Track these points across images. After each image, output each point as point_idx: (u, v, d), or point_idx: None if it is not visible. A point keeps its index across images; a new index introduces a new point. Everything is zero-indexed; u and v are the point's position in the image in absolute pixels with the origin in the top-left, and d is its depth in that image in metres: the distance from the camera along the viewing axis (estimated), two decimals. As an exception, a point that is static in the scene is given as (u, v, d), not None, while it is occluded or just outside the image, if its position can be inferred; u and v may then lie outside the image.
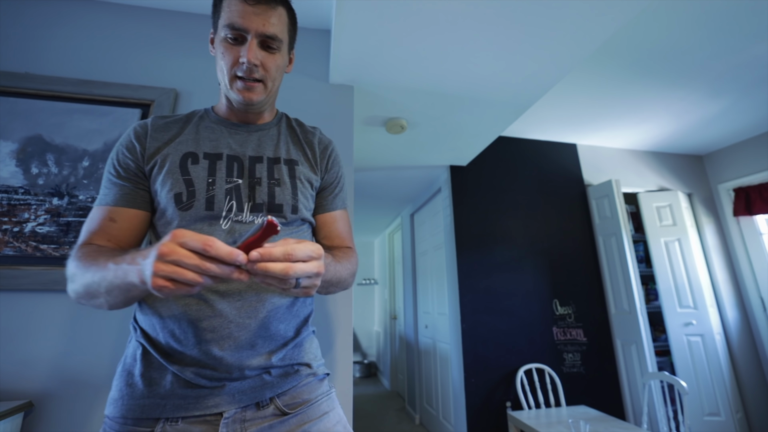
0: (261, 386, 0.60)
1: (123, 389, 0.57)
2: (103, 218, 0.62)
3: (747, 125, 2.84)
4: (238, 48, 0.64)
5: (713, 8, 1.67)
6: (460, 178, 2.81)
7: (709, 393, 2.54)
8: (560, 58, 1.54)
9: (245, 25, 0.62)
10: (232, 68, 0.65)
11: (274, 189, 0.67)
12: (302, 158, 0.74)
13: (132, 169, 0.65)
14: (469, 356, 2.43)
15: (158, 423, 0.54)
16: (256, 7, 0.62)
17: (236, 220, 0.63)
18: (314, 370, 0.67)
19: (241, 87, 0.65)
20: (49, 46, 1.37)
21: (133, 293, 0.51)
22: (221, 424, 0.55)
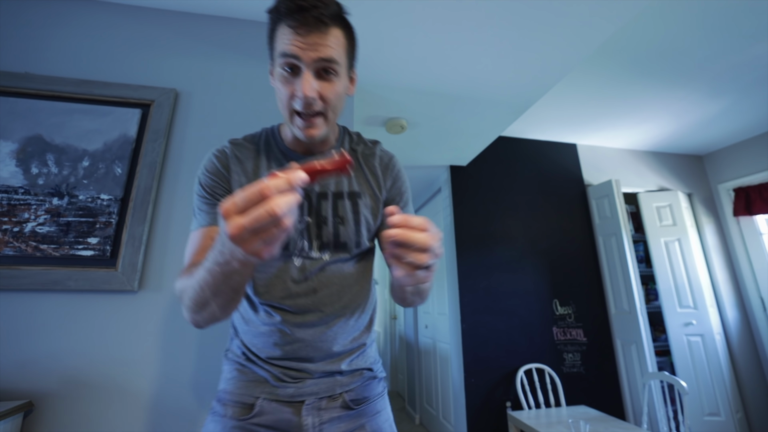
0: (333, 384, 0.70)
1: (234, 373, 0.71)
2: (203, 238, 0.65)
3: (747, 125, 2.84)
4: (293, 81, 0.61)
5: (713, 8, 1.67)
6: (460, 178, 2.81)
7: (709, 393, 2.54)
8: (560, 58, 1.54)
9: (298, 53, 0.58)
10: (290, 102, 0.63)
11: (338, 228, 0.70)
12: (365, 187, 0.74)
13: (220, 192, 0.68)
14: (469, 356, 2.43)
15: (258, 399, 0.67)
16: (307, 34, 0.57)
17: (306, 256, 0.68)
18: (375, 373, 0.77)
19: (301, 125, 0.63)
20: (49, 46, 1.37)
21: (234, 279, 0.49)
22: (303, 408, 0.67)
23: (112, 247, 1.19)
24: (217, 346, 1.19)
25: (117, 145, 1.28)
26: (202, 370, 1.17)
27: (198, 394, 1.14)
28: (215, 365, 1.18)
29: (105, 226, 1.20)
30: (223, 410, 0.67)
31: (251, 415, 0.66)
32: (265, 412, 0.66)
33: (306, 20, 0.56)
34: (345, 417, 0.69)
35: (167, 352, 1.16)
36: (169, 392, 1.12)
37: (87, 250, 1.17)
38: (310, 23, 0.57)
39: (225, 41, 1.54)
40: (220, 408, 0.68)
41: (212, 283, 0.49)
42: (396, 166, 0.79)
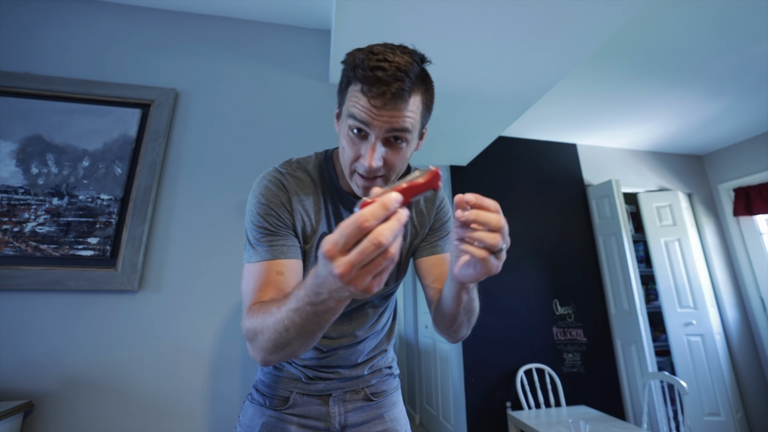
0: (357, 381, 0.81)
1: (271, 367, 0.79)
2: (269, 272, 0.60)
3: (747, 125, 2.84)
4: (360, 144, 0.57)
5: (713, 8, 1.66)
6: (460, 178, 2.81)
7: (709, 393, 2.54)
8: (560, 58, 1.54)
9: (369, 122, 0.54)
10: (353, 164, 0.59)
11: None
12: (409, 227, 0.75)
13: (285, 224, 0.65)
14: (469, 356, 2.43)
15: (292, 393, 0.76)
16: (383, 107, 0.53)
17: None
18: (392, 371, 0.87)
19: (361, 184, 0.60)
20: (49, 46, 1.37)
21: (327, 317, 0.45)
22: (330, 399, 0.77)
23: (112, 247, 1.19)
24: (218, 346, 1.20)
25: (117, 145, 1.28)
26: (202, 370, 1.17)
27: (197, 394, 1.14)
28: (215, 365, 1.18)
29: (105, 226, 1.20)
30: (262, 399, 0.77)
31: (287, 406, 0.75)
32: (298, 404, 0.76)
33: (384, 94, 0.51)
34: (366, 407, 0.80)
35: (167, 352, 1.16)
36: (168, 392, 1.12)
37: (87, 250, 1.17)
38: (388, 98, 0.52)
39: (225, 41, 1.54)
40: (258, 397, 0.78)
41: (300, 323, 0.46)
42: (441, 197, 0.78)
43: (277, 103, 1.50)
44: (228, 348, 1.20)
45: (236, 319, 1.23)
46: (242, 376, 1.19)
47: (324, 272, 0.38)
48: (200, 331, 1.20)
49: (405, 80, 0.52)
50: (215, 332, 1.21)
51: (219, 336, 1.20)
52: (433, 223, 0.77)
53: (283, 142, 1.44)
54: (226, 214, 1.32)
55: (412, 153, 0.64)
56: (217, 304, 1.23)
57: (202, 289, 1.23)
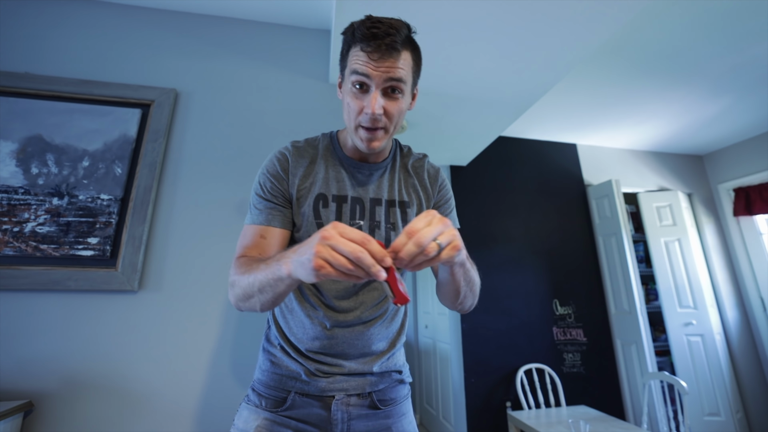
0: (363, 383, 0.74)
1: (268, 364, 0.75)
2: (255, 235, 0.72)
3: (747, 125, 2.84)
4: (362, 97, 0.66)
5: (713, 8, 1.66)
6: (460, 178, 2.81)
7: (709, 393, 2.54)
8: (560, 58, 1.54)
9: (369, 72, 0.63)
10: (357, 117, 0.68)
11: (390, 233, 0.75)
12: (414, 197, 0.80)
13: (278, 194, 0.74)
14: (469, 356, 2.43)
15: (290, 393, 0.72)
16: (380, 59, 0.63)
17: None
18: (402, 377, 0.81)
19: (365, 137, 0.68)
20: (49, 46, 1.37)
21: (280, 288, 0.56)
22: (333, 403, 0.71)
23: (112, 247, 1.19)
24: (217, 346, 1.20)
25: (117, 145, 1.28)
26: (202, 370, 1.17)
27: (198, 394, 1.14)
28: (215, 365, 1.18)
29: (105, 226, 1.20)
30: (258, 400, 0.73)
31: (284, 407, 0.71)
32: (297, 405, 0.71)
33: (379, 47, 0.62)
34: (372, 416, 0.74)
35: (167, 352, 1.16)
36: (168, 392, 1.12)
37: (87, 250, 1.17)
38: (383, 50, 0.62)
39: (225, 41, 1.54)
40: (254, 397, 0.74)
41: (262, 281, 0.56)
42: (442, 177, 0.85)
43: (277, 102, 1.50)
44: (228, 348, 1.20)
45: (236, 319, 1.23)
46: (242, 377, 1.19)
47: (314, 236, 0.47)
48: (200, 331, 1.20)
49: (396, 35, 0.63)
50: (215, 332, 1.21)
51: (219, 336, 1.20)
52: (437, 200, 0.83)
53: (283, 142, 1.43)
54: (226, 214, 1.32)
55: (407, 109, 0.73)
56: (217, 304, 1.23)
57: (202, 289, 1.23)
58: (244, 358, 1.20)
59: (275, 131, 1.46)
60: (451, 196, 0.86)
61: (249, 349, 1.21)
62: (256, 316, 1.24)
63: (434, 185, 0.83)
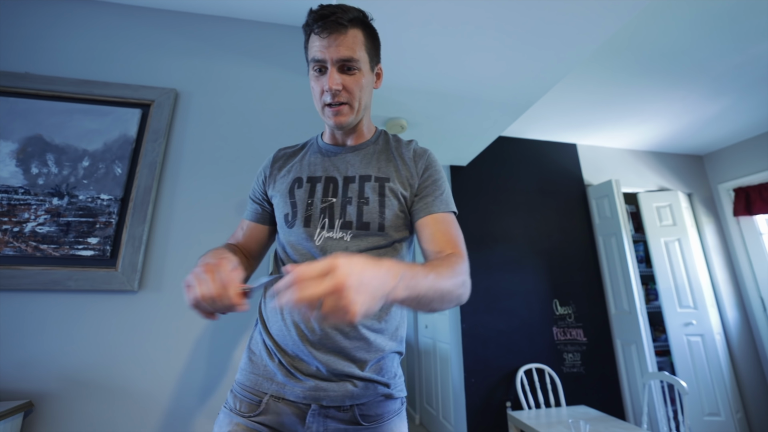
0: (344, 394, 0.67)
1: (247, 362, 0.74)
2: (239, 227, 0.86)
3: (747, 125, 2.84)
4: (322, 78, 0.71)
5: (713, 8, 1.66)
6: (460, 178, 2.81)
7: (709, 393, 2.54)
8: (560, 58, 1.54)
9: (322, 56, 0.68)
10: (321, 97, 0.72)
11: (362, 207, 0.73)
12: (393, 173, 0.76)
13: (258, 194, 0.85)
14: (469, 356, 2.43)
15: (265, 396, 0.68)
16: (329, 37, 0.67)
17: (328, 236, 0.72)
18: (390, 391, 0.72)
19: (330, 113, 0.72)
20: (49, 46, 1.37)
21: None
22: (308, 413, 0.66)
23: (112, 247, 1.19)
24: (217, 346, 1.20)
25: (117, 145, 1.28)
26: (202, 370, 1.17)
27: (198, 394, 1.14)
28: (215, 365, 1.18)
29: (105, 226, 1.20)
30: (233, 403, 0.71)
31: (257, 412, 0.67)
32: (270, 411, 0.67)
33: (327, 25, 0.66)
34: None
35: (167, 352, 1.16)
36: (169, 392, 1.12)
37: (87, 250, 1.17)
38: (331, 27, 0.66)
39: (225, 41, 1.54)
40: (231, 400, 0.72)
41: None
42: (430, 157, 0.80)
43: (277, 103, 1.50)
44: (228, 348, 1.20)
45: (236, 319, 1.23)
46: (242, 376, 1.19)
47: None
48: (200, 331, 1.20)
49: (342, 14, 0.67)
50: (215, 332, 1.21)
51: (219, 336, 1.20)
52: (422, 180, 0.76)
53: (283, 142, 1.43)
54: (226, 214, 1.32)
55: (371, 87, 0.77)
56: (217, 304, 1.23)
57: (202, 289, 1.23)
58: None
59: (275, 131, 1.46)
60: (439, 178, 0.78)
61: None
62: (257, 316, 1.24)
63: (418, 163, 0.78)
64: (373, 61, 0.75)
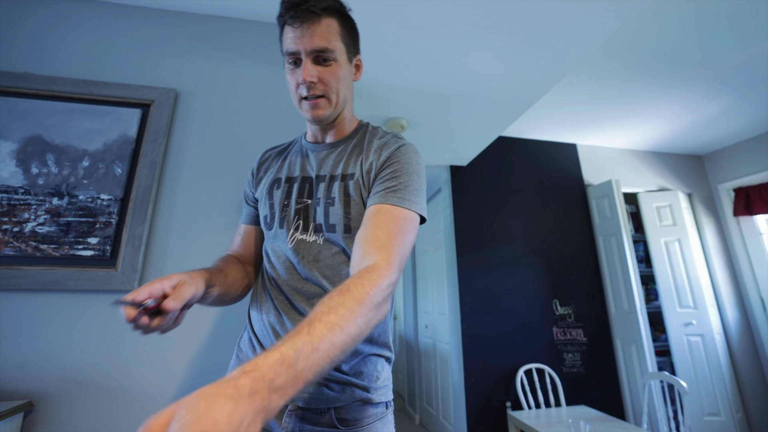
0: (320, 397, 0.64)
1: (234, 360, 0.75)
2: (237, 234, 0.85)
3: (747, 125, 2.84)
4: (297, 71, 0.67)
5: (713, 8, 1.67)
6: (460, 178, 2.81)
7: (709, 393, 2.54)
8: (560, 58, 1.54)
9: (295, 47, 0.65)
10: (297, 91, 0.69)
11: (329, 209, 0.70)
12: (359, 167, 0.70)
13: (249, 196, 0.84)
14: (469, 356, 2.43)
15: None
16: (301, 27, 0.63)
17: (301, 238, 0.70)
18: (370, 395, 0.67)
19: (307, 106, 0.69)
20: (49, 46, 1.37)
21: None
22: (285, 412, 0.64)
23: (112, 247, 1.19)
24: (217, 346, 1.20)
25: (117, 145, 1.28)
26: (202, 371, 1.17)
27: (198, 394, 1.14)
28: (215, 365, 1.18)
29: (105, 226, 1.20)
30: None
31: None
32: None
33: (299, 14, 0.63)
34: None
35: (167, 353, 1.16)
36: (168, 392, 1.12)
37: (87, 250, 1.17)
38: (303, 16, 0.63)
39: (225, 41, 1.54)
40: None
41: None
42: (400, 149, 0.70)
43: (277, 102, 1.50)
44: (228, 348, 1.20)
45: (237, 320, 1.23)
46: (242, 376, 1.19)
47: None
48: (200, 332, 1.20)
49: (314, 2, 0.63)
50: (215, 332, 1.21)
51: (219, 336, 1.20)
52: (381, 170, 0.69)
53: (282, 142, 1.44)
54: (227, 214, 1.32)
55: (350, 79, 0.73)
56: (217, 304, 1.23)
57: (202, 289, 1.23)
58: (244, 358, 1.20)
59: (275, 131, 1.46)
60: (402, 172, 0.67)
61: (249, 349, 1.21)
62: (256, 316, 1.24)
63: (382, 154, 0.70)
64: (351, 51, 0.71)
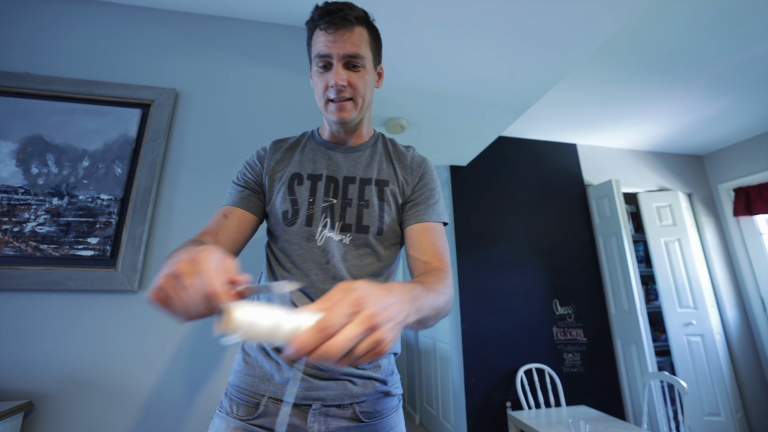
0: (343, 393, 0.67)
1: (242, 364, 0.72)
2: (218, 215, 0.73)
3: (747, 125, 2.84)
4: (327, 74, 0.70)
5: (713, 8, 1.66)
6: (460, 178, 2.81)
7: (709, 393, 2.54)
8: (560, 58, 1.54)
9: (329, 51, 0.68)
10: (325, 93, 0.71)
11: (362, 210, 0.73)
12: (393, 177, 0.77)
13: (251, 180, 0.77)
14: (469, 356, 2.43)
15: (263, 398, 0.66)
16: (335, 33, 0.67)
17: (329, 236, 0.72)
18: (388, 388, 0.73)
19: (333, 108, 0.71)
20: (49, 46, 1.37)
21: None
22: (309, 412, 0.65)
23: (112, 247, 1.19)
24: (217, 346, 1.19)
25: (117, 145, 1.28)
26: (202, 371, 1.17)
27: (198, 395, 1.14)
28: (215, 366, 1.18)
29: (105, 226, 1.20)
30: (229, 407, 0.68)
31: (255, 415, 0.65)
32: (270, 413, 0.65)
33: (334, 20, 0.67)
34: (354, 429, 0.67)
35: (167, 352, 1.16)
36: (168, 392, 1.12)
37: (87, 250, 1.17)
38: (338, 23, 0.67)
39: (225, 41, 1.54)
40: (226, 404, 0.69)
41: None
42: (428, 165, 0.81)
43: (277, 103, 1.50)
44: (228, 348, 1.20)
45: (236, 319, 1.23)
46: (242, 376, 1.19)
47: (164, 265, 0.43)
48: (200, 332, 1.20)
49: (349, 11, 0.67)
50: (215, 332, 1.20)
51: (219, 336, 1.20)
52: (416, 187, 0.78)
53: (283, 142, 1.44)
54: (226, 214, 1.32)
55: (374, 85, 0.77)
56: (217, 304, 1.23)
57: (202, 289, 1.23)
58: (244, 358, 1.21)
59: (275, 131, 1.45)
60: (434, 187, 0.79)
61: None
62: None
63: (416, 171, 0.79)
64: (376, 60, 0.76)
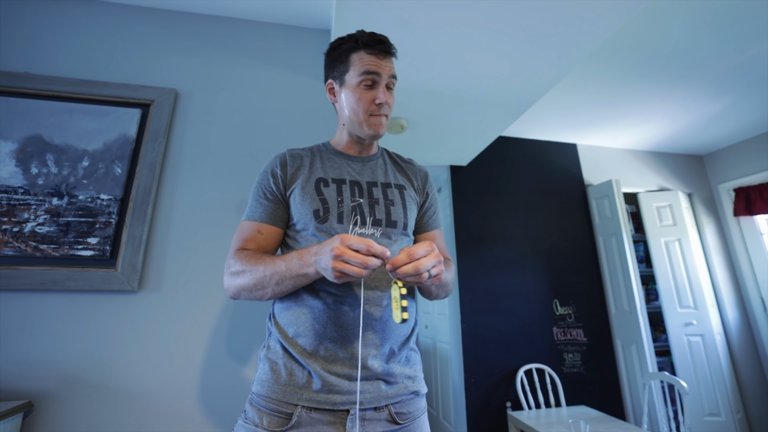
0: (378, 395, 0.69)
1: (269, 373, 0.70)
2: (253, 230, 0.79)
3: (747, 125, 2.84)
4: (371, 91, 0.79)
5: (713, 8, 1.66)
6: (460, 178, 2.81)
7: (709, 393, 2.54)
8: (560, 58, 1.54)
9: (379, 69, 0.78)
10: (369, 108, 0.80)
11: (390, 208, 0.81)
12: (408, 184, 0.89)
13: (275, 192, 0.81)
14: (469, 356, 2.43)
15: (297, 408, 0.65)
16: (384, 58, 0.80)
17: (360, 232, 0.77)
18: (417, 387, 0.76)
19: (375, 122, 0.81)
20: (49, 46, 1.37)
21: (301, 281, 0.66)
22: (348, 419, 0.65)
23: (111, 247, 1.19)
24: (217, 346, 1.20)
25: (117, 145, 1.28)
26: (202, 371, 1.17)
27: (197, 395, 1.14)
28: (215, 366, 1.18)
29: (105, 226, 1.20)
30: (257, 418, 0.65)
31: (288, 426, 0.63)
32: (304, 423, 0.64)
33: (384, 47, 0.79)
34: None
35: (167, 353, 1.16)
36: (168, 392, 1.12)
37: (87, 250, 1.17)
38: (386, 50, 0.80)
39: (225, 41, 1.54)
40: (253, 415, 0.66)
41: (282, 275, 0.66)
42: (430, 178, 0.95)
43: (277, 103, 1.50)
44: (228, 348, 1.20)
45: (237, 320, 1.23)
46: (243, 377, 1.19)
47: (327, 246, 0.59)
48: (200, 331, 1.19)
49: (390, 43, 0.81)
50: (215, 332, 1.21)
51: (219, 336, 1.20)
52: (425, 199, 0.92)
53: (283, 142, 1.44)
54: (227, 214, 1.32)
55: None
56: (217, 304, 1.23)
57: (201, 289, 1.23)
58: (245, 358, 1.20)
59: (275, 131, 1.46)
60: (437, 198, 0.96)
61: (250, 350, 1.21)
62: (258, 316, 1.24)
63: (424, 182, 0.93)
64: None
